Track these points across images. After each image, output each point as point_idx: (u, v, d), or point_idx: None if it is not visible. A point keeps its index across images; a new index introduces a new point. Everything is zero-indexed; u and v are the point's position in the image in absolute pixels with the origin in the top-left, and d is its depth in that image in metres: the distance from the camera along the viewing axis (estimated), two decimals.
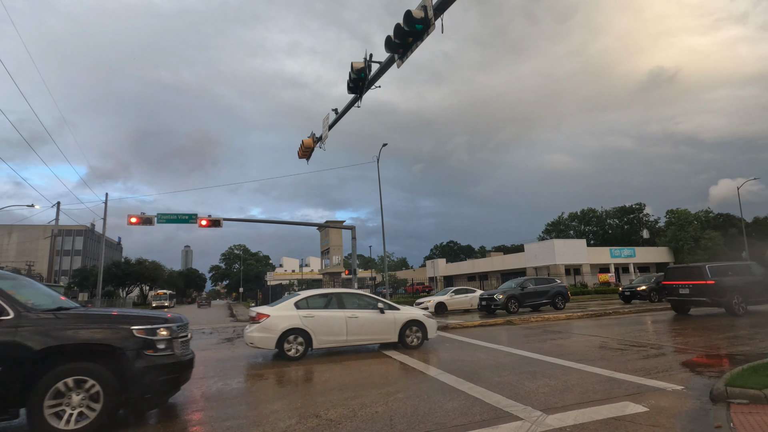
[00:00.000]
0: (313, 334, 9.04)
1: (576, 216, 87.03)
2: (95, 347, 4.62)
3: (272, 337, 8.80)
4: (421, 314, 10.24)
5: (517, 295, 19.48)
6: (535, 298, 19.76)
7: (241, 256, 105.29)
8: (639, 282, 24.46)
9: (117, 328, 4.73)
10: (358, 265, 31.18)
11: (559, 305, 19.84)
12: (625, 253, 58.09)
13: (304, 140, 12.96)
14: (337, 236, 30.67)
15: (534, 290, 19.92)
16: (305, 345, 9.00)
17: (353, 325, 9.39)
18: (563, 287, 21.14)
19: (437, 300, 22.83)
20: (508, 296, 19.49)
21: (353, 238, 27.26)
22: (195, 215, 24.66)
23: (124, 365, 4.60)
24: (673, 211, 66.84)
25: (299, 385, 6.74)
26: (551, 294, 20.14)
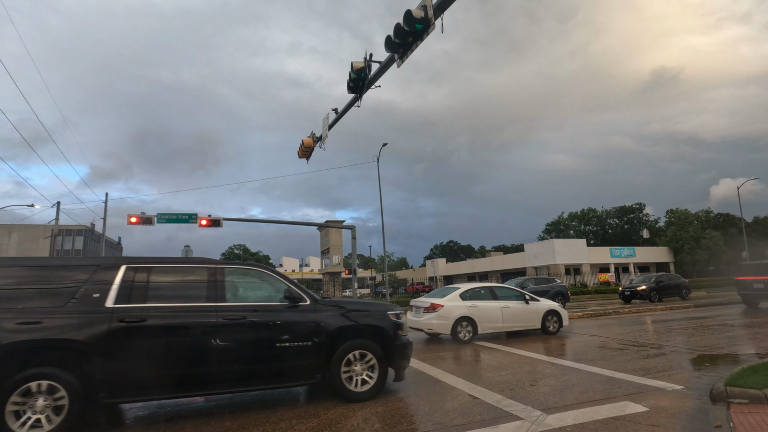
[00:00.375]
0: (478, 321, 10.54)
1: (576, 216, 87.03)
2: (370, 328, 5.75)
3: (448, 323, 10.35)
4: (557, 305, 11.88)
5: None
6: None
7: (240, 256, 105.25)
8: (639, 282, 24.26)
9: (381, 314, 5.91)
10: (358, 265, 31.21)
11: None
12: (625, 252, 58.08)
13: (304, 140, 12.95)
14: (337, 236, 30.68)
15: (534, 290, 19.74)
16: (473, 331, 10.52)
17: (507, 314, 10.93)
18: (563, 287, 20.57)
19: None
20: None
21: (353, 238, 27.27)
22: (195, 215, 24.67)
23: (387, 342, 5.73)
24: (673, 210, 66.90)
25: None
26: (551, 294, 19.78)
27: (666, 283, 23.56)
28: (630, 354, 8.15)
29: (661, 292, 22.72)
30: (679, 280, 24.57)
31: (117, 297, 4.74)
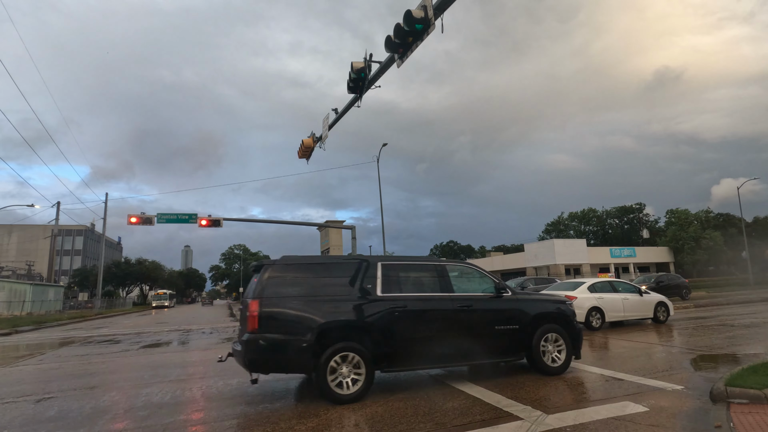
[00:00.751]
0: (605, 310, 12.11)
1: (576, 216, 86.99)
2: (558, 315, 6.70)
3: (582, 312, 11.62)
4: (665, 298, 13.57)
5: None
6: None
7: (241, 256, 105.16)
8: (639, 282, 24.33)
9: (563, 303, 6.89)
10: None
11: None
12: (625, 252, 58.08)
13: (304, 140, 12.97)
14: (337, 236, 30.69)
15: (533, 290, 19.89)
16: (602, 319, 12.07)
17: (627, 305, 12.56)
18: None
19: None
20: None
21: (353, 238, 27.25)
22: (195, 215, 24.68)
23: (570, 327, 6.68)
24: (673, 211, 66.88)
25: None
26: None
27: (666, 283, 23.38)
28: (630, 354, 8.15)
29: (662, 292, 22.87)
30: (679, 280, 24.40)
31: (382, 288, 5.88)
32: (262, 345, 5.36)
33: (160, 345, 12.90)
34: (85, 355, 11.11)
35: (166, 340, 14.22)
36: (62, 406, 5.84)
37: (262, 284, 5.57)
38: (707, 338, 9.78)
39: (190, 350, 11.35)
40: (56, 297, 52.62)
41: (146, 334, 17.39)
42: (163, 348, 12.15)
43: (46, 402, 6.09)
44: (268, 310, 5.42)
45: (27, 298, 43.04)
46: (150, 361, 9.60)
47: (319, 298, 5.59)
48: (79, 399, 6.20)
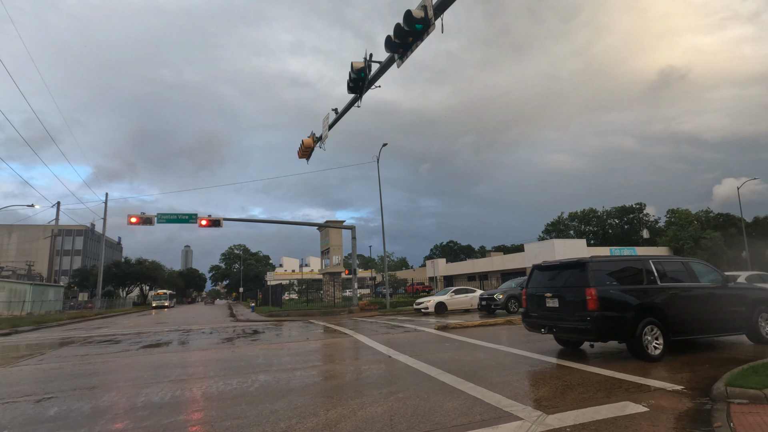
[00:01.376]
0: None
1: (576, 216, 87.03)
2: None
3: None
4: None
5: (518, 294, 19.14)
6: None
7: (241, 256, 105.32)
8: None
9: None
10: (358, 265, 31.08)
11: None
12: (625, 253, 58.11)
13: (304, 140, 12.98)
14: (337, 236, 30.67)
15: None
16: None
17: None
18: None
19: (437, 300, 22.77)
20: (508, 296, 19.38)
21: (353, 238, 27.27)
22: (195, 215, 24.69)
23: None
24: (673, 210, 66.92)
25: None
26: None
27: None
28: (629, 354, 8.16)
29: None
30: None
31: (659, 279, 7.94)
32: (605, 319, 7.22)
33: (160, 345, 12.91)
34: (85, 355, 11.11)
35: (166, 340, 14.23)
36: (62, 406, 5.85)
37: (589, 276, 7.52)
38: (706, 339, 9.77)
39: (191, 350, 11.36)
40: (56, 297, 52.62)
41: (146, 334, 17.40)
42: (163, 348, 12.16)
43: (46, 402, 6.09)
44: (602, 295, 7.34)
45: (27, 298, 43.07)
46: (150, 361, 9.61)
47: (625, 287, 7.71)
48: (79, 399, 6.20)
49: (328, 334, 13.97)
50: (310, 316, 24.66)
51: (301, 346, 10.93)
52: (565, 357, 8.01)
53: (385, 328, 15.09)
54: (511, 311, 18.89)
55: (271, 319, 25.30)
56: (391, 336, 12.50)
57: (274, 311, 28.72)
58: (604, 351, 8.62)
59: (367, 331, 14.31)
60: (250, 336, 14.73)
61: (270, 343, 11.94)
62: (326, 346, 10.53)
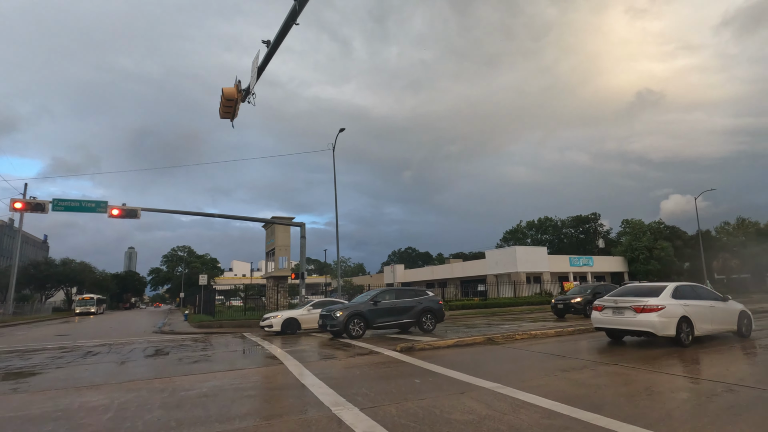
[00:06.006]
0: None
1: (533, 225, 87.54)
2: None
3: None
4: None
5: (365, 312, 14.01)
6: (392, 317, 14.51)
7: (185, 259, 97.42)
8: (574, 293, 21.06)
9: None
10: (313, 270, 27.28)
11: (427, 326, 14.88)
12: (583, 261, 57.88)
13: (224, 89, 9.34)
14: (285, 235, 26.85)
15: (391, 305, 14.67)
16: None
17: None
18: (434, 302, 15.61)
19: (288, 316, 17.05)
20: (349, 314, 13.79)
21: (302, 237, 23.58)
22: (105, 203, 20.09)
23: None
24: (628, 221, 68.13)
25: None
26: (417, 311, 14.84)
27: (604, 294, 20.60)
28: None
29: None
30: None
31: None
32: None
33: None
34: None
35: (16, 368, 9.98)
36: None
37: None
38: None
39: (19, 392, 7.36)
40: None
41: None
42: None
43: None
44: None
45: None
46: None
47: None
48: None
49: (251, 359, 10.34)
50: (247, 328, 20.67)
51: (196, 384, 7.27)
52: None
53: (332, 349, 11.64)
54: (354, 335, 13.61)
55: (198, 332, 21.06)
56: (339, 364, 9.09)
57: (206, 321, 24.38)
58: None
59: (307, 353, 10.80)
60: (150, 358, 10.81)
61: (156, 377, 8.15)
62: (235, 388, 6.94)
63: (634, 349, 9.79)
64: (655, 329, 9.59)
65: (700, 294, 10.81)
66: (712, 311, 10.48)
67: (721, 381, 6.33)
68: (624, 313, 10.16)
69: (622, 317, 10.17)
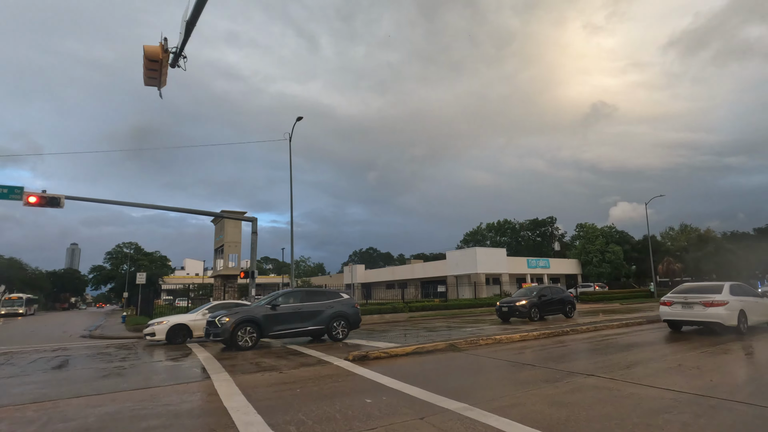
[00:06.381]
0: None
1: (493, 227, 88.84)
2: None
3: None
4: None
5: (259, 318, 11.93)
6: (295, 323, 12.45)
7: (132, 256, 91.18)
8: (519, 295, 20.09)
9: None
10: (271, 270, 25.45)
11: (338, 334, 12.91)
12: (541, 263, 59.06)
13: (146, 48, 7.72)
14: (235, 230, 24.92)
15: (294, 310, 12.57)
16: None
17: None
18: (349, 305, 13.62)
19: (177, 321, 14.71)
20: (238, 321, 11.62)
21: (253, 233, 21.83)
22: (20, 188, 17.49)
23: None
24: (582, 225, 70.33)
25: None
26: (326, 317, 12.87)
27: (549, 297, 19.56)
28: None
29: (544, 308, 19.07)
30: (563, 294, 20.63)
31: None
32: None
33: None
34: None
35: None
36: None
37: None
38: None
39: None
40: None
41: None
42: None
43: None
44: None
45: None
46: None
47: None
48: None
49: (172, 374, 8.76)
50: None
51: (85, 410, 5.71)
52: None
53: (274, 357, 10.24)
54: (243, 346, 11.55)
55: (130, 337, 18.95)
56: (278, 379, 7.74)
57: (143, 324, 22.06)
58: None
59: (245, 366, 9.34)
60: (50, 371, 8.97)
61: (36, 401, 6.46)
62: (134, 416, 5.44)
63: (610, 354, 9.09)
64: (723, 320, 11.49)
65: (747, 291, 12.71)
66: (758, 305, 12.58)
67: None
68: (693, 308, 12.03)
69: (692, 311, 12.05)
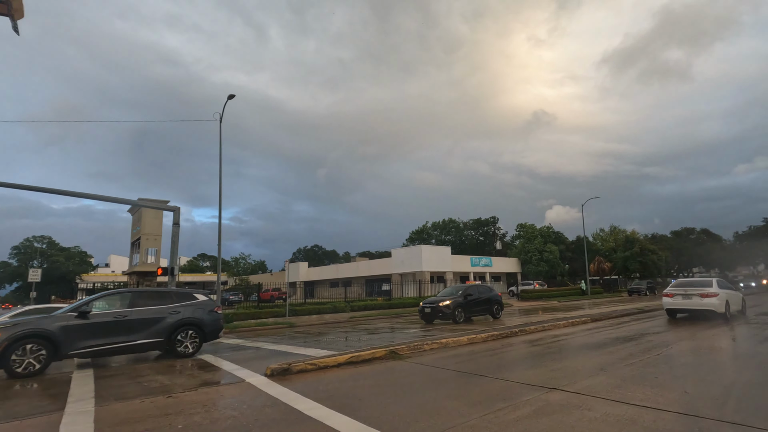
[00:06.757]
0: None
1: (438, 225, 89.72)
2: None
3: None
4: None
5: (54, 332, 8.40)
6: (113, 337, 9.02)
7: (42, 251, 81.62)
8: (445, 295, 18.22)
9: None
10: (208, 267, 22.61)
11: (185, 349, 9.86)
12: (483, 262, 59.98)
13: None
14: (155, 221, 22.00)
15: (114, 319, 9.13)
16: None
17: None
18: (204, 309, 10.45)
19: None
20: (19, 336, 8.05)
21: (175, 224, 19.25)
22: None
23: None
24: (522, 225, 72.60)
25: None
26: (166, 326, 9.67)
27: (476, 296, 18.04)
28: None
29: (469, 308, 17.51)
30: (490, 293, 19.00)
31: None
32: None
33: None
34: None
35: None
36: None
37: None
38: None
39: None
40: None
41: None
42: None
43: None
44: None
45: None
46: None
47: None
48: None
49: (23, 395, 6.60)
50: None
51: None
52: None
53: (175, 373, 8.28)
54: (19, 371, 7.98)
55: None
56: (160, 406, 5.89)
57: None
58: None
59: (126, 388, 7.29)
60: None
61: None
62: None
63: (566, 359, 8.12)
64: (715, 308, 13.91)
65: (727, 285, 15.18)
66: (734, 296, 15.06)
67: None
68: (692, 298, 14.40)
69: (690, 301, 14.42)
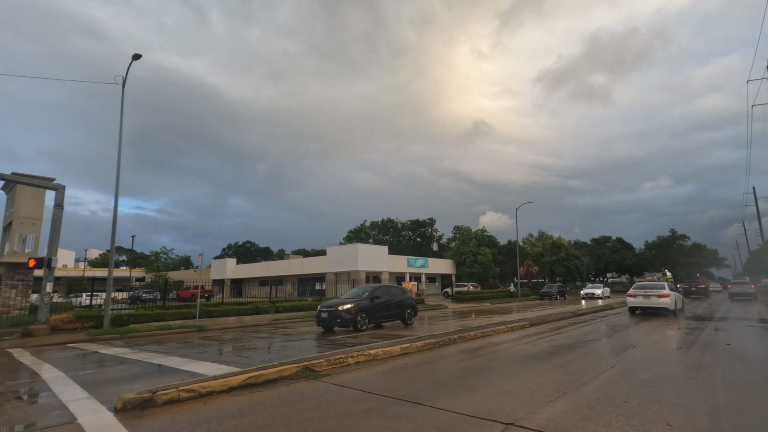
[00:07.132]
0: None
1: (377, 225, 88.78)
2: None
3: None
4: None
5: None
6: None
7: None
8: (349, 297, 15.22)
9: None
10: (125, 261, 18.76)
11: None
12: (419, 263, 59.66)
13: None
14: (34, 203, 18.28)
15: None
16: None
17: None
18: None
19: None
20: None
21: (57, 205, 15.84)
22: None
23: None
24: (458, 227, 73.64)
25: None
26: None
27: (385, 300, 15.51)
28: None
29: (376, 313, 14.98)
30: (403, 296, 16.55)
31: None
32: None
33: None
34: None
35: None
36: None
37: None
38: None
39: None
40: None
41: None
42: None
43: None
44: None
45: None
46: None
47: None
48: None
49: None
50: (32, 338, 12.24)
51: None
52: None
53: (18, 400, 5.85)
54: None
55: None
56: None
57: None
58: None
59: None
60: None
61: None
62: None
63: (514, 373, 6.81)
64: (668, 306, 17.46)
65: (673, 288, 18.90)
66: (678, 297, 18.97)
67: None
68: (650, 298, 17.83)
69: (649, 300, 17.86)
